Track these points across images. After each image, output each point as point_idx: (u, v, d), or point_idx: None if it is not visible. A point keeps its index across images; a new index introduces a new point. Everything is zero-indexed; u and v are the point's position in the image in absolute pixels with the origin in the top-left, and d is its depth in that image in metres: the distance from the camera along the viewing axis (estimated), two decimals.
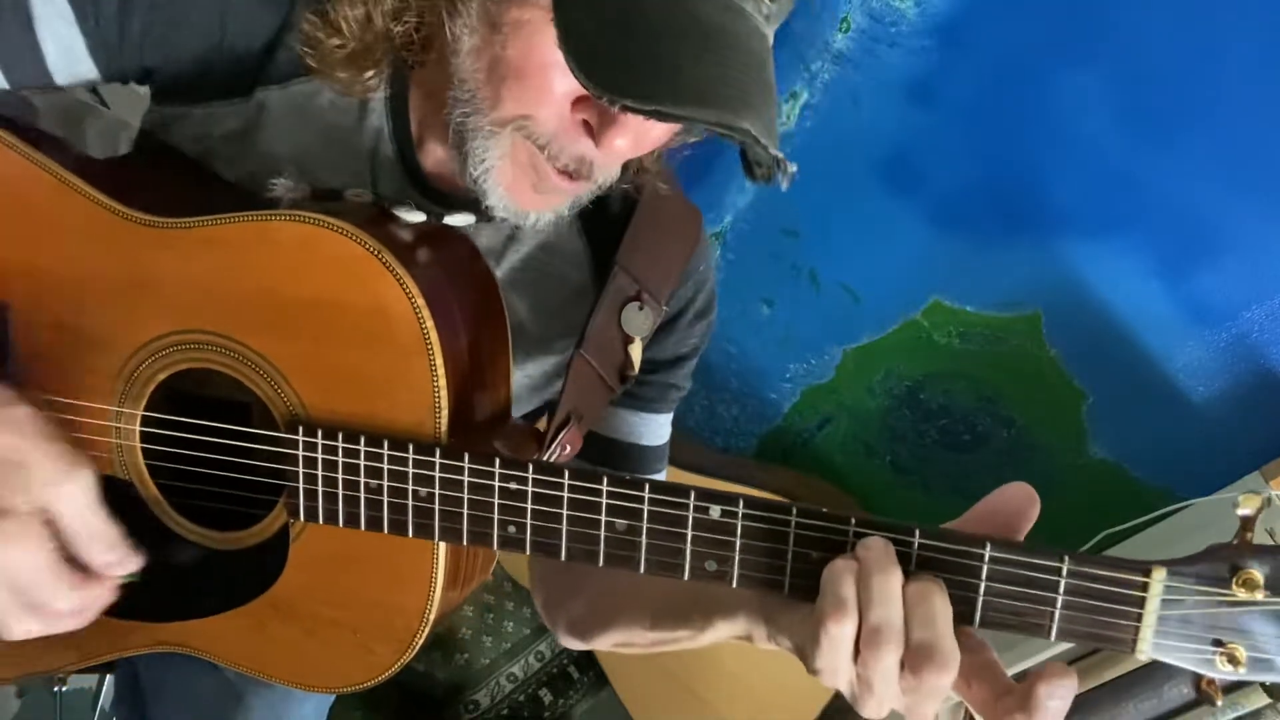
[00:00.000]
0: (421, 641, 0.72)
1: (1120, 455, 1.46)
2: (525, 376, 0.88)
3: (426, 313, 0.65)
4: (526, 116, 0.70)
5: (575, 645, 0.90)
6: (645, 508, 0.62)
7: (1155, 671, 1.21)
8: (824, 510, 0.58)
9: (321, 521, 0.70)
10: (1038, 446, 1.52)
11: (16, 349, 0.75)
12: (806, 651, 0.59)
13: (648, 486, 0.62)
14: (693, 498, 0.61)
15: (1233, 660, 0.51)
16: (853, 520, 0.57)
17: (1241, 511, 0.50)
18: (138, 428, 0.74)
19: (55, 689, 1.04)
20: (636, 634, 0.80)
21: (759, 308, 1.68)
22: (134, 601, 0.76)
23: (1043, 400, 1.49)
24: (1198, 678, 0.53)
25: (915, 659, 0.54)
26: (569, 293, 0.86)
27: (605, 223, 0.84)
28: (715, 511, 0.60)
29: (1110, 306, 1.39)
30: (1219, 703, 0.51)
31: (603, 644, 0.86)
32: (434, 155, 0.80)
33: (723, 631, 0.70)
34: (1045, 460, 1.52)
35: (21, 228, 0.74)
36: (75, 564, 0.63)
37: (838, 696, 1.47)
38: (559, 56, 0.63)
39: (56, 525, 0.62)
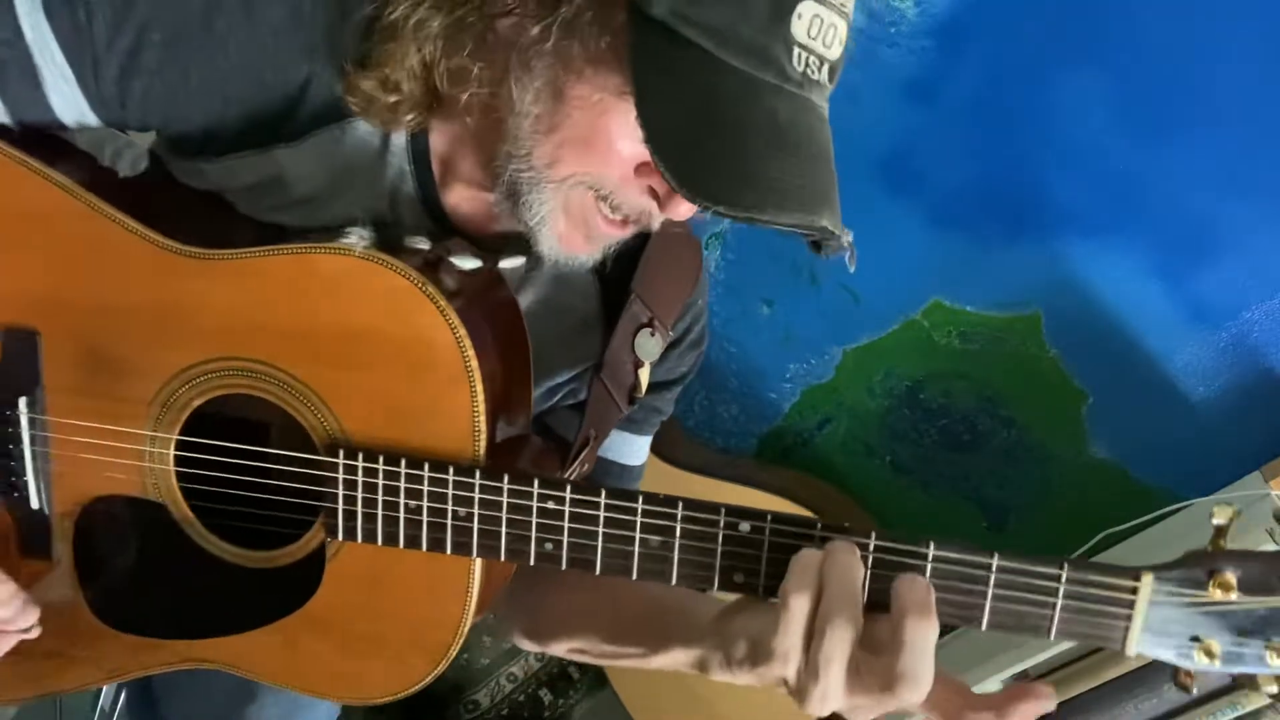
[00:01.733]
0: (454, 653, 0.79)
1: (1120, 455, 1.52)
2: None
3: (468, 343, 0.72)
4: (588, 173, 0.76)
5: (530, 647, 0.97)
6: (678, 525, 0.69)
7: (1155, 671, 1.28)
8: (846, 525, 0.66)
9: (360, 540, 0.76)
10: (1038, 446, 1.56)
11: (47, 376, 0.81)
12: (764, 637, 0.65)
13: (681, 504, 0.69)
14: (723, 514, 0.68)
15: (1209, 654, 0.61)
16: (873, 535, 0.66)
17: (1216, 521, 0.60)
18: (172, 451, 0.80)
19: None
20: (593, 643, 0.88)
21: (759, 308, 1.72)
22: (163, 620, 0.83)
23: (1043, 400, 1.53)
24: (1175, 669, 0.63)
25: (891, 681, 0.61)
26: (576, 323, 0.94)
27: (614, 257, 0.91)
28: (745, 526, 0.68)
29: (1110, 306, 1.44)
30: (1194, 692, 0.60)
31: (558, 649, 0.93)
32: (458, 194, 0.86)
33: (678, 658, 0.78)
34: (1045, 460, 1.57)
35: (51, 255, 0.80)
36: None
37: None
38: (628, 132, 0.70)
39: None
